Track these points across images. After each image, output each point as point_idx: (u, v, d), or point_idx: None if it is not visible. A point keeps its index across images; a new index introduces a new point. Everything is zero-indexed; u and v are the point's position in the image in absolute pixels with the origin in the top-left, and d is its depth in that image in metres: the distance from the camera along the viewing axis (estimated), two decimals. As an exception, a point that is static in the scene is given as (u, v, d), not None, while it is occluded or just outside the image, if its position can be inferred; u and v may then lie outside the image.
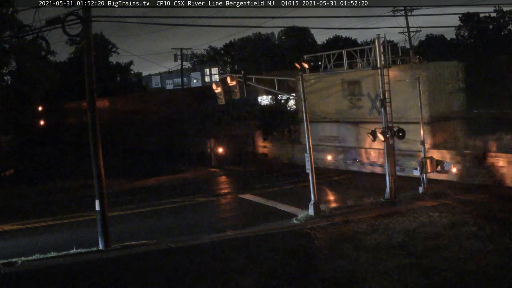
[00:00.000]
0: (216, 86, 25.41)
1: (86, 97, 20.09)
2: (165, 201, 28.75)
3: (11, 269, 17.69)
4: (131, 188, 33.67)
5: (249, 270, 16.95)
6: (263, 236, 20.48)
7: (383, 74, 24.49)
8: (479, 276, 14.92)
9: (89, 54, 19.86)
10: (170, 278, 16.71)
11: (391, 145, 24.63)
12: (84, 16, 19.30)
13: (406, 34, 59.94)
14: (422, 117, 25.63)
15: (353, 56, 28.73)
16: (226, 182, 35.04)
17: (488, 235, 18.22)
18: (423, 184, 25.23)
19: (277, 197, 27.41)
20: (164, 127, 53.66)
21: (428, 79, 29.22)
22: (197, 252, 19.00)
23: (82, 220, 25.11)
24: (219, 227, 22.52)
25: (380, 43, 24.64)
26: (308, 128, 23.24)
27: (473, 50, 68.63)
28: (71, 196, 31.91)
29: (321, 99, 34.71)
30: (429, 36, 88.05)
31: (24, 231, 23.98)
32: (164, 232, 22.15)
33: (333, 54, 27.41)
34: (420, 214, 21.45)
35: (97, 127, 20.01)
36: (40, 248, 19.78)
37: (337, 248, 18.26)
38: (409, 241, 18.30)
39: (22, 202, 30.97)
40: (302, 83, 23.71)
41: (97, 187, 19.93)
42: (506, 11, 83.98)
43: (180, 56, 72.99)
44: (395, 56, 31.28)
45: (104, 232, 19.75)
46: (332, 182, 30.97)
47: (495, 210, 21.59)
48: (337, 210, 23.36)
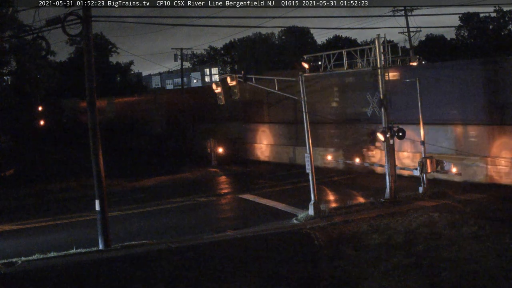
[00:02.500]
0: (216, 86, 25.42)
1: (86, 97, 20.12)
2: (165, 201, 28.74)
3: (11, 269, 17.71)
4: (131, 188, 33.67)
5: (249, 270, 16.95)
6: (263, 236, 20.48)
7: (383, 74, 24.49)
8: (479, 276, 14.91)
9: (89, 54, 19.87)
10: (170, 278, 16.71)
11: (391, 145, 24.64)
12: (84, 16, 19.32)
13: (406, 34, 59.99)
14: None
15: (353, 56, 28.72)
16: (226, 182, 35.05)
17: (488, 235, 18.20)
18: (423, 184, 25.24)
19: (277, 197, 27.41)
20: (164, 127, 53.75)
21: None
22: (197, 252, 19.01)
23: (82, 220, 25.11)
24: (219, 227, 22.53)
25: (380, 43, 24.64)
26: (308, 128, 23.25)
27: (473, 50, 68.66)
28: (71, 196, 31.92)
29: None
30: (429, 36, 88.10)
31: (24, 231, 23.99)
32: (164, 232, 22.15)
33: (333, 54, 27.36)
34: (420, 214, 21.45)
35: (97, 127, 20.03)
36: (40, 248, 19.78)
37: (337, 248, 18.26)
38: (409, 241, 18.29)
39: (22, 202, 30.96)
40: (302, 83, 23.71)
41: (97, 187, 19.95)
42: (506, 11, 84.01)
43: (180, 56, 73.00)
44: (395, 56, 31.27)
45: (104, 232, 19.76)
46: (332, 182, 30.97)
47: (495, 210, 21.59)
48: (337, 210, 23.36)
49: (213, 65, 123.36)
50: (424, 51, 72.06)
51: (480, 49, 74.54)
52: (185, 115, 51.03)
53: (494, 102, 26.41)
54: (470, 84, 27.44)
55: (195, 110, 49.67)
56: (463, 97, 27.79)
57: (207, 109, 46.42)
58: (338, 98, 34.93)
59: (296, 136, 37.73)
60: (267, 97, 39.72)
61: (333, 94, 35.22)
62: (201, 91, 57.30)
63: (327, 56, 26.93)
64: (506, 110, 25.96)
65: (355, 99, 33.26)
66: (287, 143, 39.52)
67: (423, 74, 28.00)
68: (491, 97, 26.52)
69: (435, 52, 77.19)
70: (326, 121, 33.61)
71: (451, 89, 28.32)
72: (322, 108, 34.39)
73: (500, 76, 26.27)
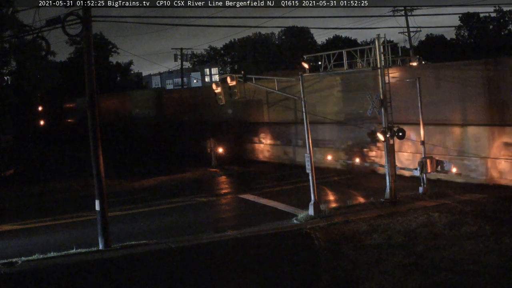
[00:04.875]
0: (216, 86, 25.41)
1: (86, 97, 20.11)
2: (165, 201, 28.74)
3: (11, 269, 17.71)
4: (131, 188, 33.67)
5: (249, 270, 16.96)
6: (263, 236, 20.49)
7: (383, 74, 24.49)
8: (479, 276, 14.92)
9: (89, 54, 19.87)
10: (170, 278, 16.72)
11: (391, 145, 24.64)
12: (84, 16, 19.32)
13: (406, 34, 60.02)
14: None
15: (353, 56, 28.70)
16: (226, 182, 35.04)
17: (488, 235, 18.21)
18: (423, 184, 25.23)
19: (277, 197, 27.41)
20: (164, 127, 53.70)
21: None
22: (197, 252, 19.01)
23: (82, 220, 25.11)
24: (219, 227, 22.53)
25: (380, 43, 24.63)
26: (308, 128, 23.25)
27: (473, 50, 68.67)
28: (71, 196, 31.92)
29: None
30: (429, 36, 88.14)
31: (24, 231, 23.99)
32: (164, 232, 22.14)
33: (333, 54, 27.35)
34: (420, 214, 21.45)
35: (97, 127, 20.03)
36: (40, 248, 19.79)
37: (337, 248, 18.25)
38: (409, 241, 18.29)
39: (22, 202, 30.97)
40: (302, 83, 23.71)
41: (97, 187, 19.95)
42: (506, 11, 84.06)
43: (180, 56, 73.07)
44: (395, 56, 31.28)
45: (104, 232, 19.77)
46: (332, 182, 30.96)
47: (495, 210, 21.58)
48: (337, 210, 23.36)
49: (213, 65, 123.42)
50: (424, 51, 72.08)
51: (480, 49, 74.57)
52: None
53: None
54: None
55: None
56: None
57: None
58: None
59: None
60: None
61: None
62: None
63: (327, 56, 26.92)
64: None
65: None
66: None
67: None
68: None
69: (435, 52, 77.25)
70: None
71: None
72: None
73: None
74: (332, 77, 33.05)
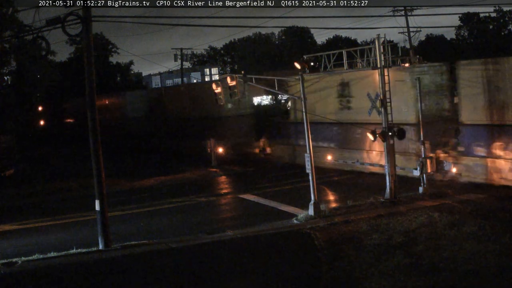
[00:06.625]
0: (216, 86, 25.40)
1: (86, 97, 20.10)
2: (165, 201, 28.74)
3: (11, 269, 17.72)
4: (131, 188, 33.66)
5: (249, 270, 16.96)
6: (263, 236, 20.49)
7: (383, 74, 24.48)
8: (479, 276, 14.92)
9: (89, 54, 19.87)
10: (170, 278, 16.71)
11: (391, 145, 24.63)
12: (84, 16, 19.32)
13: (406, 34, 60.02)
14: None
15: (353, 56, 28.75)
16: (226, 182, 35.04)
17: (488, 235, 18.21)
18: (423, 184, 25.23)
19: (277, 197, 27.40)
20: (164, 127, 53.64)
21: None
22: (197, 252, 19.01)
23: (82, 220, 25.11)
24: (219, 227, 22.53)
25: (380, 43, 24.63)
26: (308, 128, 23.24)
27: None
28: (71, 196, 31.92)
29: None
30: (429, 36, 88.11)
31: (24, 231, 23.99)
32: (164, 232, 22.14)
33: (333, 54, 27.42)
34: (420, 214, 21.44)
35: (97, 127, 20.02)
36: (40, 248, 19.79)
37: (337, 248, 18.26)
38: (409, 241, 18.29)
39: (22, 202, 30.97)
40: (302, 83, 23.70)
41: (97, 187, 19.95)
42: (506, 11, 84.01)
43: (180, 56, 73.05)
44: (395, 56, 31.28)
45: (104, 232, 19.76)
46: (332, 182, 30.95)
47: (495, 210, 21.58)
48: (337, 210, 23.36)
49: (213, 65, 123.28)
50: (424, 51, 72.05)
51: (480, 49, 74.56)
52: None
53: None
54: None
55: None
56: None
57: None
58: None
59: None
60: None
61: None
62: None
63: (327, 56, 27.00)
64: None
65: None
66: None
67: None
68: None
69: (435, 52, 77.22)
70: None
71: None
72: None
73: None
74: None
